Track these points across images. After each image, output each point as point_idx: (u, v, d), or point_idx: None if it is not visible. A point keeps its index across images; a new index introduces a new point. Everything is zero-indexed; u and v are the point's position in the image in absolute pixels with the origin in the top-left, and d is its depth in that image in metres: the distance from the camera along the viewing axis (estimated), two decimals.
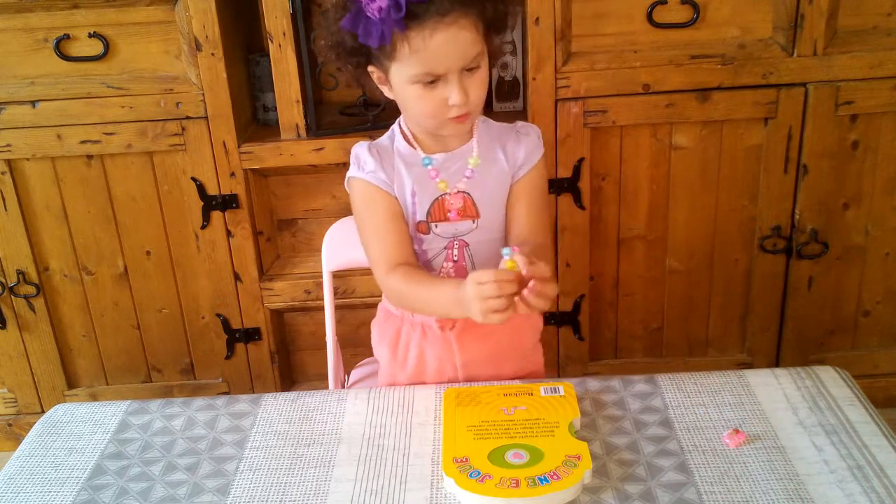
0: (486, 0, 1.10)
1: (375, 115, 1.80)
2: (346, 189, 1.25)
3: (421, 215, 1.22)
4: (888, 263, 1.90)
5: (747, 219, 1.86)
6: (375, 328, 1.38)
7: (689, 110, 1.75)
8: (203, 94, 1.75)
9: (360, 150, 1.22)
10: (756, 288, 1.91)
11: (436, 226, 1.22)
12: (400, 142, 1.23)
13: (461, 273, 1.24)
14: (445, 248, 1.23)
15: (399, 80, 1.12)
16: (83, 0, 1.67)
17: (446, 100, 1.11)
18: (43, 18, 1.69)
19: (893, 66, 1.72)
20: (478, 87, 1.13)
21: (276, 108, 1.79)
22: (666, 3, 1.68)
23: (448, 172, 1.22)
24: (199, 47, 1.71)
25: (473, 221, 1.22)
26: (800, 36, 1.70)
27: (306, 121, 1.78)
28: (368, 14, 1.06)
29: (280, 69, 1.74)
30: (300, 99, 1.77)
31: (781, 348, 1.97)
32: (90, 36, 1.71)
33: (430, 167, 1.21)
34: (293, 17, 1.69)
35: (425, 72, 1.09)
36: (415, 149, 1.22)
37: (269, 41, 1.72)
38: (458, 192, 1.21)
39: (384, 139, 1.25)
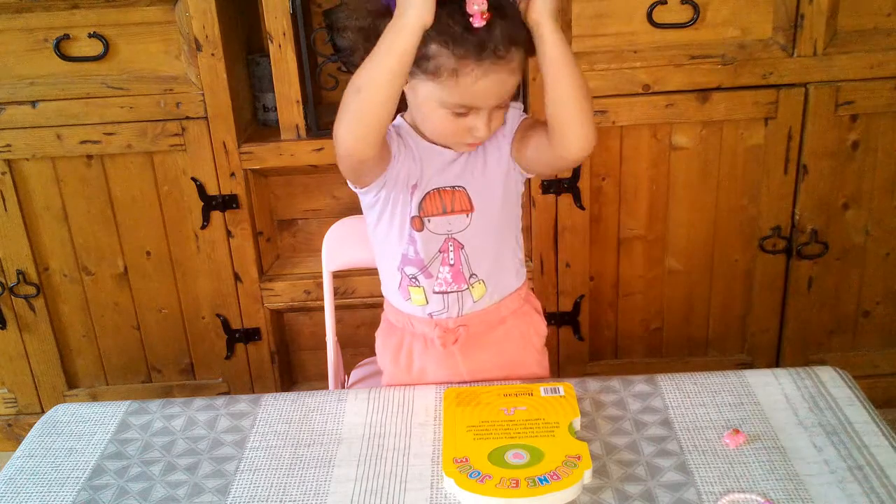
0: (528, 32, 1.07)
1: None
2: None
3: (414, 210, 1.19)
4: (888, 263, 1.90)
5: (747, 219, 1.86)
6: (379, 337, 1.36)
7: (689, 110, 1.75)
8: (203, 95, 1.75)
9: None
10: (756, 288, 1.91)
11: (429, 220, 1.20)
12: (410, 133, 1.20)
13: (459, 278, 1.23)
14: (440, 250, 1.22)
15: (429, 96, 1.09)
16: (83, 0, 1.67)
17: (470, 129, 1.10)
18: (43, 18, 1.69)
19: (893, 66, 1.72)
20: (500, 119, 1.14)
21: (276, 108, 1.79)
22: (666, 3, 1.68)
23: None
24: (199, 47, 1.71)
25: (468, 216, 1.21)
26: (800, 36, 1.70)
27: (306, 121, 1.78)
28: None
29: (280, 69, 1.74)
30: (300, 99, 1.76)
31: (781, 348, 1.97)
32: (90, 36, 1.71)
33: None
34: (293, 17, 1.69)
35: (463, 104, 1.08)
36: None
37: (269, 41, 1.72)
38: (452, 186, 1.20)
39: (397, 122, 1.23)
